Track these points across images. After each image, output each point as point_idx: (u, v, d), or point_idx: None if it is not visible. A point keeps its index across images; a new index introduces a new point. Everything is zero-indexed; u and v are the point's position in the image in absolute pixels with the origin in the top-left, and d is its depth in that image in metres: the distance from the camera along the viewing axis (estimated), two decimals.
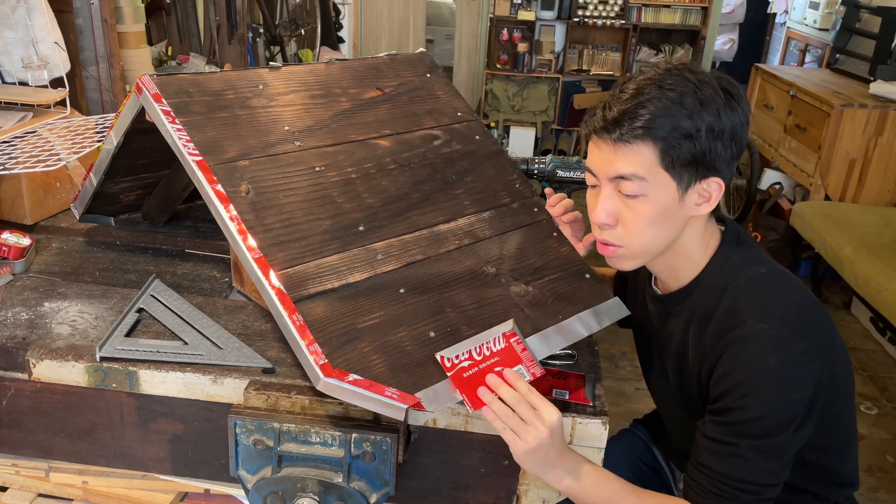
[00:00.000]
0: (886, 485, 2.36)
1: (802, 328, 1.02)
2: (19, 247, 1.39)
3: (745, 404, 0.99)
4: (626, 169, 1.02)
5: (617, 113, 1.01)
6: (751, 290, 1.05)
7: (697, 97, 1.00)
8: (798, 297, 1.05)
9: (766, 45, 6.65)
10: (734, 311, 1.04)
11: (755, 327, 1.00)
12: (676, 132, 0.99)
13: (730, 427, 1.01)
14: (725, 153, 1.03)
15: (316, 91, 1.33)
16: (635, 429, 1.51)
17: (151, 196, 1.55)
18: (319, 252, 1.10)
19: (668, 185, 1.02)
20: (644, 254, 1.09)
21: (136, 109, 1.22)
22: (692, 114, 0.99)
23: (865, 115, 3.27)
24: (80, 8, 2.13)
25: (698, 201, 1.05)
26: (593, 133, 1.06)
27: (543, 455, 0.99)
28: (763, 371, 0.98)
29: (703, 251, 1.11)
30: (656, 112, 0.99)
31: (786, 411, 0.99)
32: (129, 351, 1.10)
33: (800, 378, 0.99)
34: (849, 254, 2.90)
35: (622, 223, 1.06)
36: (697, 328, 1.10)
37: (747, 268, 1.08)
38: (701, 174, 1.02)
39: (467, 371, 1.02)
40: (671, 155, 1.00)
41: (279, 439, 1.03)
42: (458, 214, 1.28)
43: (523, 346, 1.08)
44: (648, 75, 1.04)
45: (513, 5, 5.29)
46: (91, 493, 1.25)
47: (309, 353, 0.97)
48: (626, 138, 1.01)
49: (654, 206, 1.03)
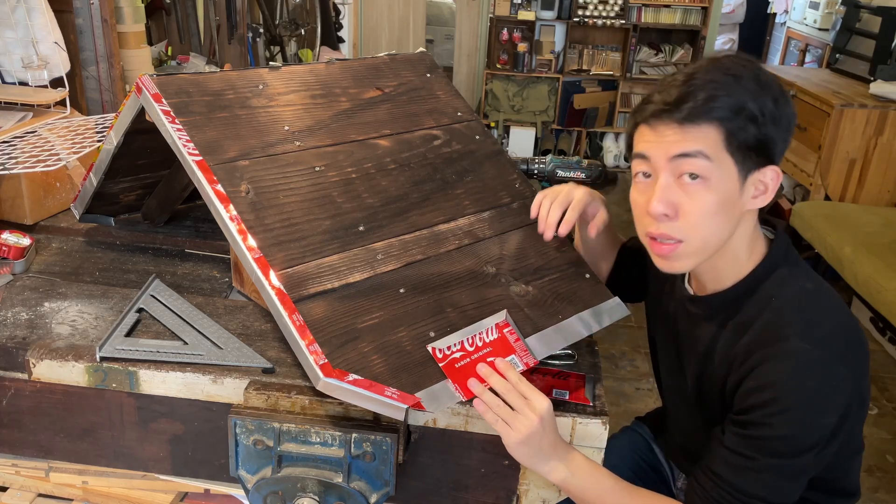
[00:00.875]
0: (886, 485, 2.36)
1: (844, 352, 0.98)
2: (19, 247, 1.38)
3: (774, 422, 0.96)
4: (692, 146, 0.97)
5: (677, 94, 0.97)
6: (797, 306, 1.01)
7: (757, 81, 0.97)
8: (843, 318, 1.01)
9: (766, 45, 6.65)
10: (777, 325, 0.99)
11: (798, 346, 0.96)
12: (742, 113, 0.96)
13: (752, 441, 0.98)
14: (782, 144, 1.00)
15: (316, 91, 1.33)
16: (637, 426, 1.51)
17: (151, 196, 1.55)
18: (319, 252, 1.10)
19: (730, 171, 0.98)
20: (704, 250, 1.02)
21: (136, 109, 1.22)
22: (755, 95, 0.96)
23: (865, 115, 3.28)
24: (80, 8, 2.13)
25: (755, 193, 1.01)
26: (650, 119, 1.00)
27: (536, 445, 0.99)
28: (800, 392, 0.95)
29: (748, 255, 1.06)
30: (720, 92, 0.96)
31: (813, 434, 0.96)
32: (129, 351, 1.10)
33: (834, 402, 0.96)
34: (849, 254, 2.90)
35: (682, 214, 0.99)
36: (731, 335, 1.05)
37: (796, 281, 1.03)
38: (761, 162, 0.99)
39: (459, 362, 1.03)
40: (736, 137, 0.96)
41: (279, 439, 1.03)
42: (458, 214, 1.28)
43: (517, 336, 1.08)
44: (700, 63, 1.00)
45: (513, 5, 5.29)
46: (91, 493, 1.25)
47: (309, 353, 0.97)
48: (691, 118, 0.96)
49: (717, 193, 0.98)
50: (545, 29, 5.34)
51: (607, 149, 5.52)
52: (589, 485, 1.03)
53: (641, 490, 1.06)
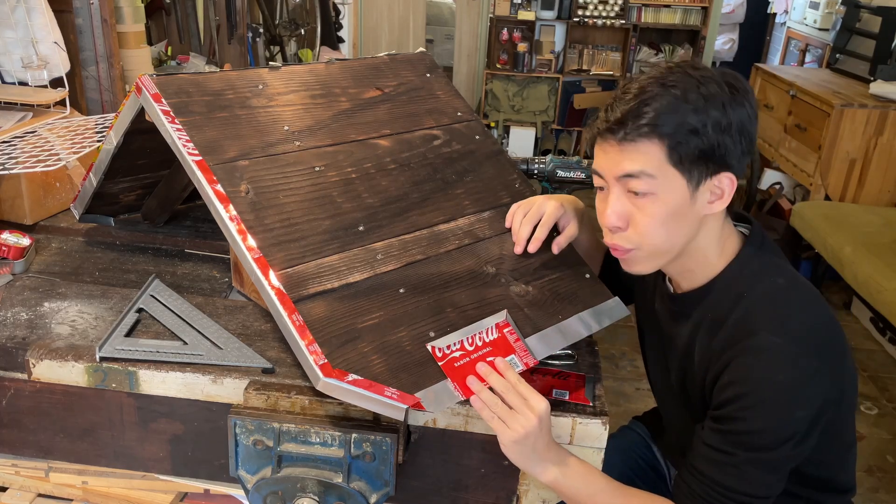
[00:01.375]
0: (886, 485, 2.36)
1: (817, 346, 0.99)
2: (19, 247, 1.38)
3: (747, 416, 0.98)
4: (634, 167, 1.00)
5: (620, 113, 1.00)
6: (768, 302, 1.02)
7: (701, 93, 0.98)
8: (816, 313, 1.03)
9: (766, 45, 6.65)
10: (748, 321, 1.01)
11: (769, 340, 0.98)
12: (682, 128, 0.97)
13: (729, 436, 1.00)
14: (735, 148, 1.00)
15: (316, 91, 1.33)
16: (634, 426, 1.51)
17: (151, 196, 1.55)
18: (319, 252, 1.10)
19: (678, 183, 1.00)
20: (658, 255, 1.06)
21: (135, 109, 1.22)
22: (697, 109, 0.97)
23: (865, 115, 3.27)
24: (80, 8, 2.13)
25: (710, 199, 1.02)
26: (598, 136, 1.04)
27: (531, 445, 0.99)
28: (771, 385, 0.97)
29: (719, 253, 1.08)
30: (660, 109, 0.98)
31: (788, 427, 0.98)
32: (128, 351, 1.10)
33: (807, 396, 0.98)
34: (849, 254, 2.90)
35: (633, 225, 1.04)
36: (707, 332, 1.08)
37: (766, 277, 1.05)
38: (711, 170, 1.00)
39: (458, 361, 1.03)
40: (679, 151, 0.98)
41: (279, 439, 1.03)
42: (458, 214, 1.28)
43: (517, 337, 1.09)
44: (650, 74, 1.02)
45: (513, 5, 5.29)
46: (91, 493, 1.25)
47: (309, 353, 0.97)
48: (632, 137, 0.99)
49: (665, 205, 1.01)
50: (545, 29, 5.34)
51: None
52: (581, 485, 1.04)
53: (633, 489, 1.07)
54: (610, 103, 1.03)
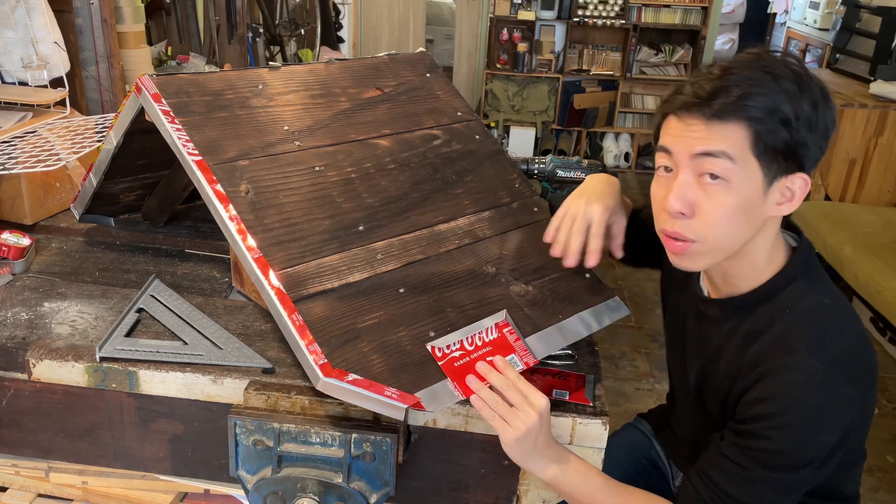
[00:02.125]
0: (886, 485, 2.36)
1: (853, 372, 0.96)
2: (19, 247, 1.38)
3: (773, 435, 0.94)
4: (716, 145, 0.93)
5: (711, 89, 0.93)
6: (810, 322, 0.98)
7: (798, 83, 0.92)
8: (856, 338, 1.00)
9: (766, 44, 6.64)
10: (787, 339, 0.97)
11: (807, 363, 0.94)
12: (774, 115, 0.91)
13: (750, 452, 0.97)
14: (816, 151, 0.95)
15: (315, 91, 1.33)
16: (638, 423, 1.51)
17: (151, 196, 1.55)
18: (319, 252, 1.10)
19: (755, 175, 0.94)
20: (718, 251, 0.99)
21: (135, 109, 1.22)
22: (792, 98, 0.92)
23: (865, 115, 3.28)
24: (80, 8, 2.13)
25: (780, 200, 0.97)
26: (678, 110, 0.96)
27: (532, 443, 0.98)
28: (802, 409, 0.94)
29: (767, 261, 1.03)
30: (755, 91, 0.91)
31: (811, 451, 0.95)
32: (128, 351, 1.10)
33: (835, 422, 0.95)
34: (849, 254, 2.90)
35: (699, 214, 0.96)
36: (741, 342, 1.04)
37: (812, 295, 1.00)
38: (790, 168, 0.95)
39: (458, 361, 1.03)
40: (764, 140, 0.92)
41: (279, 439, 1.03)
42: (458, 214, 1.28)
43: (516, 336, 1.09)
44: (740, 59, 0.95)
45: (513, 5, 5.29)
46: (91, 493, 1.25)
47: (308, 352, 0.97)
48: (721, 114, 0.92)
49: (737, 196, 0.94)
50: (545, 29, 5.34)
51: (607, 149, 5.52)
52: (579, 483, 1.03)
53: (631, 488, 1.06)
54: (695, 79, 0.96)
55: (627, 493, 1.05)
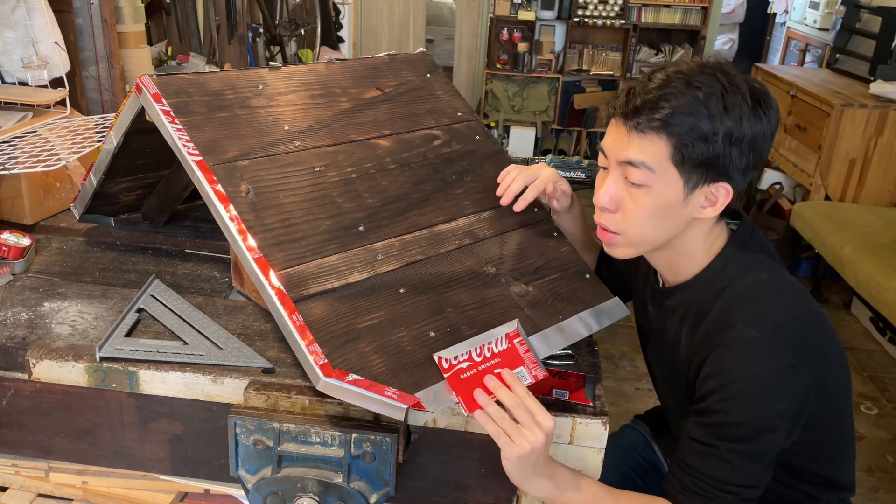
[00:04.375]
0: (886, 485, 2.36)
1: (794, 340, 1.00)
2: (19, 247, 1.38)
3: (726, 408, 0.99)
4: (636, 156, 1.01)
5: (639, 102, 1.00)
6: (748, 295, 1.04)
7: (723, 100, 0.98)
8: (796, 307, 1.04)
9: (766, 44, 6.65)
10: (727, 314, 1.03)
11: (745, 332, 1.00)
12: (693, 132, 0.98)
13: (711, 429, 1.01)
14: (740, 161, 1.01)
15: (316, 91, 1.33)
16: (636, 424, 1.51)
17: (151, 196, 1.55)
18: (319, 252, 1.10)
19: (675, 182, 1.01)
20: (640, 244, 1.08)
21: (135, 109, 1.22)
22: (713, 116, 0.98)
23: (865, 115, 3.27)
24: (80, 8, 2.13)
25: (704, 204, 1.04)
26: (615, 115, 1.04)
27: (533, 462, 0.98)
28: (747, 378, 0.98)
29: (704, 251, 1.10)
30: (677, 108, 0.98)
31: (767, 419, 0.99)
32: (128, 351, 1.10)
33: (785, 389, 0.99)
34: (849, 254, 2.90)
35: (622, 211, 1.05)
36: (691, 325, 1.10)
37: (749, 272, 1.06)
38: (711, 177, 1.01)
39: (465, 373, 1.02)
40: (683, 153, 0.99)
41: (279, 439, 1.03)
42: (458, 214, 1.28)
43: (527, 348, 1.08)
44: (680, 68, 1.02)
45: (513, 5, 5.29)
46: (91, 493, 1.25)
47: (309, 353, 0.97)
48: (642, 128, 1.00)
49: (657, 200, 1.02)
50: (545, 29, 5.34)
51: None
52: (573, 495, 1.03)
53: (627, 492, 1.07)
54: (633, 87, 1.03)
55: (625, 497, 1.06)
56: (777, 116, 1.03)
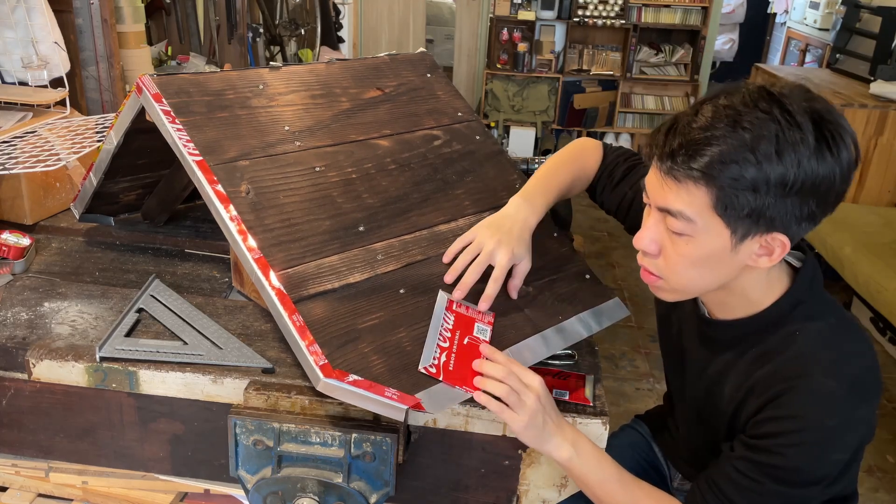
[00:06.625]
0: (886, 485, 2.36)
1: (866, 393, 0.96)
2: (19, 247, 1.38)
3: (787, 452, 0.94)
4: (674, 205, 0.91)
5: (676, 144, 0.89)
6: (822, 342, 0.97)
7: (777, 143, 0.85)
8: (867, 356, 0.99)
9: (766, 44, 6.65)
10: (803, 360, 0.96)
11: (824, 383, 0.94)
12: (738, 183, 0.86)
13: (763, 467, 0.96)
14: (799, 210, 0.88)
15: (316, 91, 1.33)
16: (636, 424, 1.51)
17: (151, 196, 1.55)
18: (319, 252, 1.10)
19: (720, 232, 0.91)
20: (686, 292, 1.00)
21: (136, 109, 1.22)
22: (763, 163, 0.85)
23: (865, 115, 3.28)
24: (80, 8, 2.13)
25: (759, 252, 0.93)
26: (650, 153, 0.95)
27: (540, 423, 0.99)
28: (820, 429, 0.93)
29: (764, 293, 1.01)
30: (720, 156, 0.86)
31: (823, 469, 0.95)
32: (128, 351, 1.10)
33: (849, 441, 0.95)
34: (849, 254, 2.90)
35: (664, 256, 0.97)
36: (749, 365, 1.03)
37: (820, 318, 0.99)
38: (762, 229, 0.90)
39: (450, 364, 1.03)
40: (726, 203, 0.88)
41: (279, 439, 1.03)
42: (459, 215, 1.28)
43: (466, 306, 1.11)
44: (732, 101, 0.89)
45: (513, 5, 5.29)
46: (91, 493, 1.25)
47: (309, 353, 0.97)
48: (678, 175, 0.89)
49: (700, 250, 0.93)
50: (545, 29, 5.34)
51: None
52: (592, 468, 1.03)
53: (642, 483, 1.06)
54: (675, 123, 0.92)
55: (638, 486, 1.05)
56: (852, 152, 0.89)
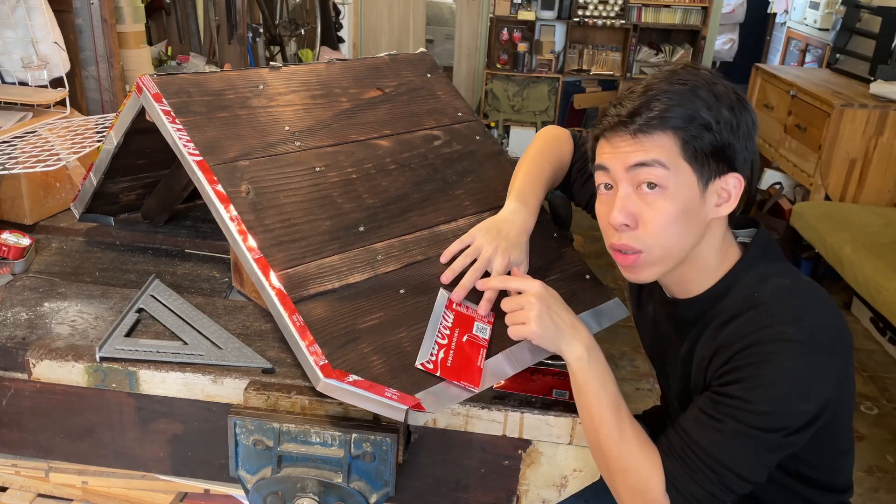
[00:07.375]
0: (886, 485, 2.36)
1: (830, 343, 0.98)
2: (19, 247, 1.38)
3: (751, 397, 0.96)
4: (647, 156, 0.99)
5: (631, 108, 1.00)
6: (781, 298, 1.00)
7: (712, 91, 0.99)
8: (829, 311, 1.01)
9: (766, 44, 6.65)
10: (762, 316, 0.99)
11: (783, 331, 0.96)
12: (695, 122, 0.98)
13: (725, 406, 0.97)
14: (743, 152, 1.01)
15: (316, 91, 1.33)
16: None
17: (151, 196, 1.55)
18: (320, 252, 1.10)
19: (689, 179, 0.99)
20: (666, 259, 1.03)
21: (136, 109, 1.22)
22: (709, 105, 0.98)
23: (865, 115, 3.27)
24: (79, 8, 2.13)
25: (718, 201, 1.02)
26: (606, 132, 1.03)
27: (550, 323, 1.03)
28: (781, 372, 0.95)
29: (719, 262, 1.07)
30: (672, 102, 0.98)
31: (787, 416, 0.96)
32: (128, 351, 1.10)
33: (812, 391, 0.96)
34: (849, 254, 2.90)
35: (642, 224, 1.01)
36: (712, 334, 1.05)
37: (774, 277, 1.03)
38: (721, 169, 1.00)
39: (448, 360, 1.03)
40: (692, 145, 0.98)
41: (279, 439, 1.03)
42: (459, 215, 1.28)
43: (466, 306, 1.12)
44: (654, 75, 1.03)
45: (513, 5, 5.29)
46: (91, 494, 1.25)
47: (309, 353, 0.97)
48: (645, 129, 0.99)
49: (676, 202, 0.99)
50: (545, 29, 5.34)
51: None
52: (595, 378, 1.03)
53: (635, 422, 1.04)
54: (616, 101, 1.03)
55: (629, 420, 1.03)
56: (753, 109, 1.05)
